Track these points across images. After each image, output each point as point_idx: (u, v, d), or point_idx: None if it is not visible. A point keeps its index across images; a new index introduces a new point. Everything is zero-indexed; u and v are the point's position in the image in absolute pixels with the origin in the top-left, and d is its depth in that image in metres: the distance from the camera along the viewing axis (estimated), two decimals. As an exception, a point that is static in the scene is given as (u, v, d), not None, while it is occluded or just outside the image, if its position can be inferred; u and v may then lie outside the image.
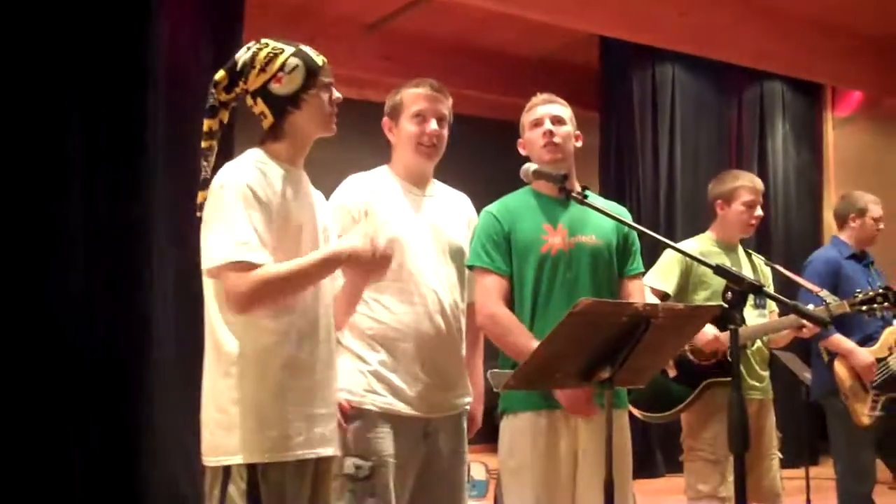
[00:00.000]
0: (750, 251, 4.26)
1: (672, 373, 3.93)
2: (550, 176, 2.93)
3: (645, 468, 7.26)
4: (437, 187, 3.23)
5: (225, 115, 2.51)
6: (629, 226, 2.97)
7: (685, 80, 8.45)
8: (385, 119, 3.19)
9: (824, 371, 4.72)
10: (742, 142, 8.86)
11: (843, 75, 8.80)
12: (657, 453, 7.66)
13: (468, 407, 3.16)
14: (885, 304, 3.95)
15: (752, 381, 3.98)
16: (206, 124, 2.48)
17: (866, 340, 4.67)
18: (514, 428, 3.02)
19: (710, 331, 3.85)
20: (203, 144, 2.48)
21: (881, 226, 4.90)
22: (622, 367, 2.45)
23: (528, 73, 8.98)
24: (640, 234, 3.08)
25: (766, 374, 4.07)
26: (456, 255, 3.13)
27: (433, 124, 3.09)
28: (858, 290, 4.04)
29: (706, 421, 3.90)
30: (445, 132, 3.15)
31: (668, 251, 4.09)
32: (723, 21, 7.74)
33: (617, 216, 2.89)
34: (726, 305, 2.35)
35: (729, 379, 3.77)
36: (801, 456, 6.20)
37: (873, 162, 9.04)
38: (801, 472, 6.09)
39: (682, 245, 4.06)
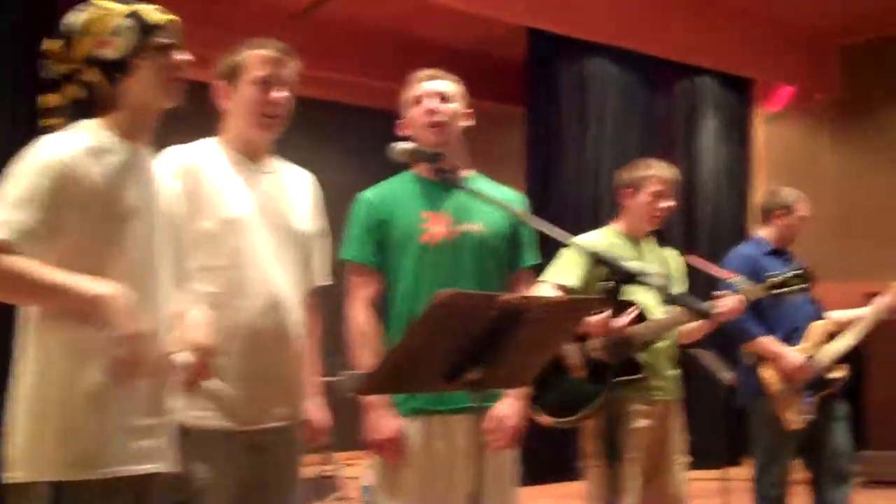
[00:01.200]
0: (662, 243, 4.07)
1: (580, 373, 3.72)
2: (423, 154, 2.67)
3: (559, 470, 7.08)
4: (276, 164, 2.83)
5: (75, 91, 2.19)
6: (517, 214, 2.73)
7: (614, 73, 8.26)
8: (219, 83, 2.75)
9: (751, 374, 4.56)
10: (672, 136, 8.70)
11: (774, 70, 8.73)
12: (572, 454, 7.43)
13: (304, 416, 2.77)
14: (802, 284, 3.79)
15: (658, 381, 3.76)
16: (46, 100, 2.20)
17: (792, 333, 4.54)
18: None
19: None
20: (43, 122, 2.19)
21: (802, 226, 4.80)
22: (495, 366, 2.23)
23: (454, 66, 8.70)
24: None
25: (674, 373, 3.87)
26: (298, 240, 2.74)
27: (279, 91, 2.70)
28: (769, 273, 3.87)
29: (610, 424, 3.68)
30: (292, 101, 2.78)
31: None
32: (653, 14, 7.61)
33: (505, 204, 2.66)
34: (604, 296, 2.15)
35: (638, 377, 3.61)
36: (720, 457, 6.07)
37: (803, 158, 8.98)
38: (718, 473, 5.97)
39: (584, 237, 3.90)
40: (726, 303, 3.72)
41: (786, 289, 3.81)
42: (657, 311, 3.75)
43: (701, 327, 3.84)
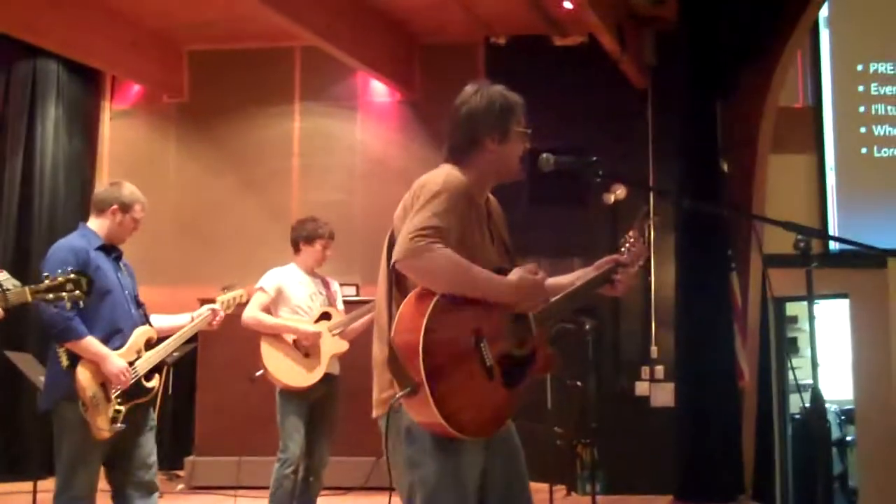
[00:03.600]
0: None
1: None
2: None
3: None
4: None
5: None
6: None
7: (-60, 42, 7.35)
8: None
9: (62, 376, 4.17)
10: (8, 122, 8.01)
11: (123, 66, 8.44)
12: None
13: None
14: (76, 291, 3.47)
15: None
16: None
17: (114, 334, 4.26)
18: None
19: None
20: None
21: (137, 228, 4.56)
22: None
23: None
24: None
25: None
26: None
27: None
28: (46, 275, 3.50)
29: None
30: None
31: None
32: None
33: None
34: None
35: None
36: (31, 469, 5.68)
37: (148, 158, 8.85)
38: (29, 485, 5.56)
39: None
40: None
41: (52, 295, 3.46)
42: None
43: None
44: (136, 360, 4.30)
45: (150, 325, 4.46)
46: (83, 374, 4.15)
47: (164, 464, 8.18)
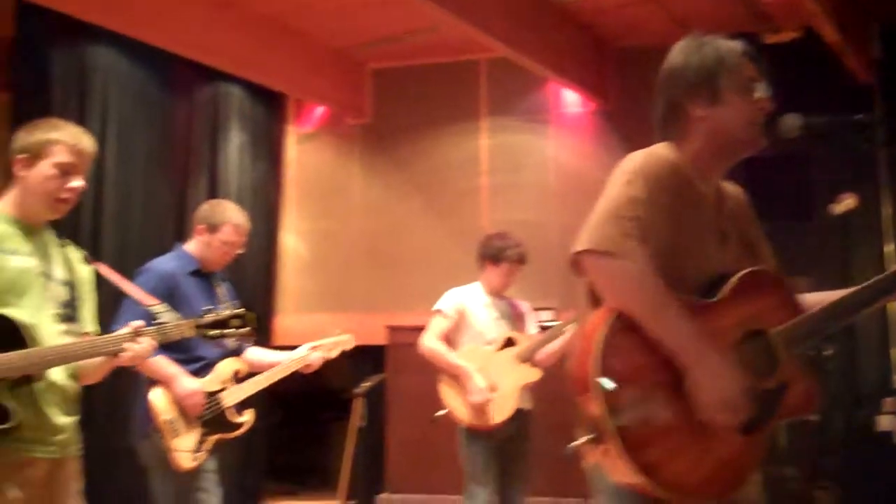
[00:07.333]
0: (66, 242, 3.12)
1: None
2: None
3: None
4: None
5: None
6: None
7: (123, 66, 7.13)
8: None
9: (144, 404, 3.86)
10: (192, 147, 7.81)
11: (304, 86, 8.15)
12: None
13: None
14: (243, 329, 3.04)
15: (42, 433, 2.79)
16: None
17: (195, 361, 3.92)
18: None
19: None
20: None
21: (233, 253, 4.20)
22: None
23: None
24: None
25: (69, 420, 2.91)
26: None
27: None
28: (208, 308, 3.09)
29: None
30: None
31: None
32: (172, 6, 6.68)
33: None
34: None
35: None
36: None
37: (334, 182, 8.53)
38: None
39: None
40: (140, 344, 2.84)
41: (218, 331, 3.02)
42: (50, 331, 2.80)
43: (103, 365, 2.95)
44: (221, 390, 3.95)
45: (241, 358, 4.13)
46: (157, 398, 3.82)
47: (355, 501, 7.81)
